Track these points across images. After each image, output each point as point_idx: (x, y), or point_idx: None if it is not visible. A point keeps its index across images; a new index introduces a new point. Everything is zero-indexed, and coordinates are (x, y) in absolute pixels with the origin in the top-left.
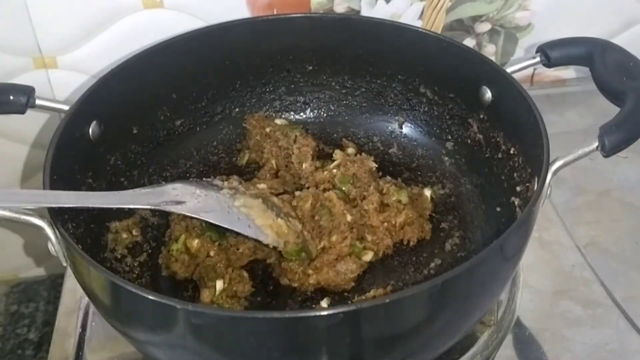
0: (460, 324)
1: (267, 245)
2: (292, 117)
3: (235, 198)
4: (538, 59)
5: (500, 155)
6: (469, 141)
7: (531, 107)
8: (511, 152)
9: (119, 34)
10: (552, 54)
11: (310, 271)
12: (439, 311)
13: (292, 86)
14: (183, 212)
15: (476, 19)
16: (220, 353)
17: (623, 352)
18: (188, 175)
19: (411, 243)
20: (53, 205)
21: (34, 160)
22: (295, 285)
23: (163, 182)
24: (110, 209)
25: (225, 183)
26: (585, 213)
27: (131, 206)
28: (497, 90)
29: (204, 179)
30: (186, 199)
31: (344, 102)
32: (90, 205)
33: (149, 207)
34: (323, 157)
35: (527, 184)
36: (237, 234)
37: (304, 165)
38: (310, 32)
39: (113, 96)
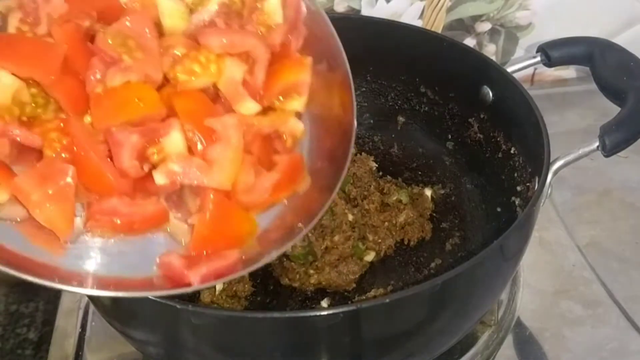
0: (461, 324)
1: None
2: None
3: None
4: (538, 58)
5: (500, 155)
6: (469, 141)
7: (532, 106)
8: (512, 151)
9: None
10: (552, 53)
11: (311, 271)
12: (440, 311)
13: None
14: None
15: (476, 18)
16: (220, 353)
17: (623, 352)
18: None
19: (412, 243)
20: None
21: None
22: (296, 285)
23: None
24: None
25: None
26: (586, 213)
27: None
28: (497, 90)
29: None
30: None
31: None
32: None
33: None
34: None
35: (528, 184)
36: None
37: None
38: None
39: None
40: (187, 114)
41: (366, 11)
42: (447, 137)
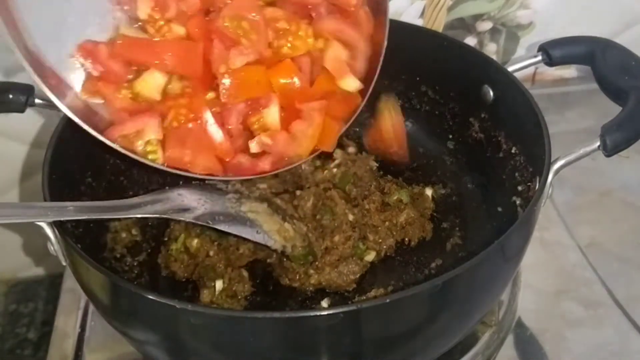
0: (461, 324)
1: (274, 250)
2: None
3: (242, 203)
4: (540, 57)
5: (501, 155)
6: (470, 140)
7: (533, 106)
8: (512, 151)
9: None
10: (553, 52)
11: (311, 271)
12: (440, 311)
13: None
14: (191, 221)
15: (477, 17)
16: (220, 353)
17: (624, 353)
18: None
19: (412, 243)
20: (59, 219)
21: (34, 159)
22: (296, 285)
23: (167, 187)
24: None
25: (229, 186)
26: (587, 213)
27: (138, 215)
28: (498, 90)
29: (206, 181)
30: (192, 205)
31: None
32: (97, 217)
33: (156, 215)
34: (324, 156)
35: (529, 184)
36: (244, 240)
37: (303, 166)
38: None
39: None
40: (282, 91)
41: None
42: (447, 136)
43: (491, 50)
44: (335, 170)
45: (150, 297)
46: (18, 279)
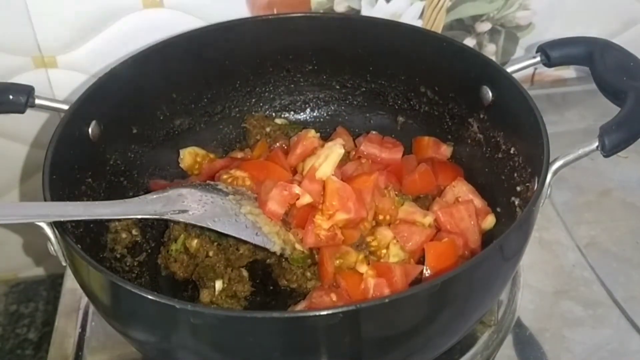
0: (461, 324)
1: (274, 253)
2: (292, 116)
3: (242, 205)
4: (538, 58)
5: (500, 155)
6: (469, 141)
7: (531, 106)
8: (511, 151)
9: (119, 33)
10: (552, 53)
11: (308, 274)
12: (439, 311)
13: (292, 86)
14: (191, 222)
15: (476, 18)
16: (220, 353)
17: (623, 352)
18: (187, 174)
19: None
20: (59, 219)
21: (34, 159)
22: (294, 286)
23: (168, 188)
24: None
25: (229, 188)
26: (586, 213)
27: (138, 216)
28: (497, 90)
29: (207, 181)
30: (192, 206)
31: (344, 101)
32: (97, 217)
33: (156, 216)
34: None
35: (527, 184)
36: (244, 241)
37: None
38: (310, 32)
39: (112, 96)
40: None
41: (366, 11)
42: (447, 137)
43: (490, 51)
44: None
45: (150, 297)
46: (18, 279)
